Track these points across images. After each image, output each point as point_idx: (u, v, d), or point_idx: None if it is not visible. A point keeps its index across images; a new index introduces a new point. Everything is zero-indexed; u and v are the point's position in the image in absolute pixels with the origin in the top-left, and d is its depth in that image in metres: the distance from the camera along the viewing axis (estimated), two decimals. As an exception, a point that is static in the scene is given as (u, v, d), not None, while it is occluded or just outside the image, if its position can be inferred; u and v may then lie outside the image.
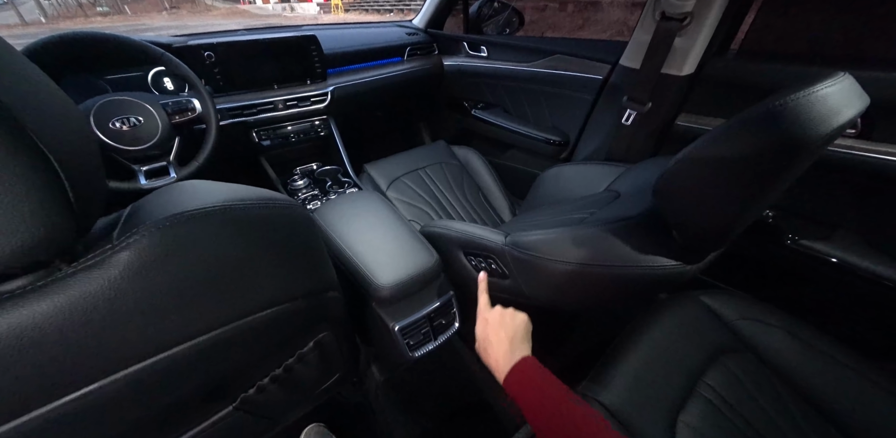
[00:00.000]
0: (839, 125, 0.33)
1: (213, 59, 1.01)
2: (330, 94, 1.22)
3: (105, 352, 0.23)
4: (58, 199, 0.19)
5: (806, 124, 0.31)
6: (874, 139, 0.65)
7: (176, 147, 0.88)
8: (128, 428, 0.30)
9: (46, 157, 0.18)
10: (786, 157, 0.33)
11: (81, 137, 0.22)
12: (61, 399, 0.23)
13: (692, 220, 0.44)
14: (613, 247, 0.51)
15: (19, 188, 0.18)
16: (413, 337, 0.68)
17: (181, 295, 0.25)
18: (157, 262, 0.23)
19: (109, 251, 0.22)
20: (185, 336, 0.27)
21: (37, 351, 0.20)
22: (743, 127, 0.36)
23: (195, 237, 0.25)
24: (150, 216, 0.24)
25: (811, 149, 0.33)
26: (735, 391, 0.61)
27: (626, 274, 0.50)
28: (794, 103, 0.32)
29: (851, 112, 0.34)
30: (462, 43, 1.46)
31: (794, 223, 0.80)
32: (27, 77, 0.20)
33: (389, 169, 1.23)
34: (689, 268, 0.49)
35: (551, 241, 0.57)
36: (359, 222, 0.72)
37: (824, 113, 0.32)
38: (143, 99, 0.82)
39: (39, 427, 0.22)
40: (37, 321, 0.20)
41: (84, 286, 0.21)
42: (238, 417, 0.46)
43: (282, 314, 0.34)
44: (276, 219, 0.32)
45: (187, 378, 0.31)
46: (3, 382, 0.20)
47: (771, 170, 0.34)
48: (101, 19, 26.12)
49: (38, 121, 0.18)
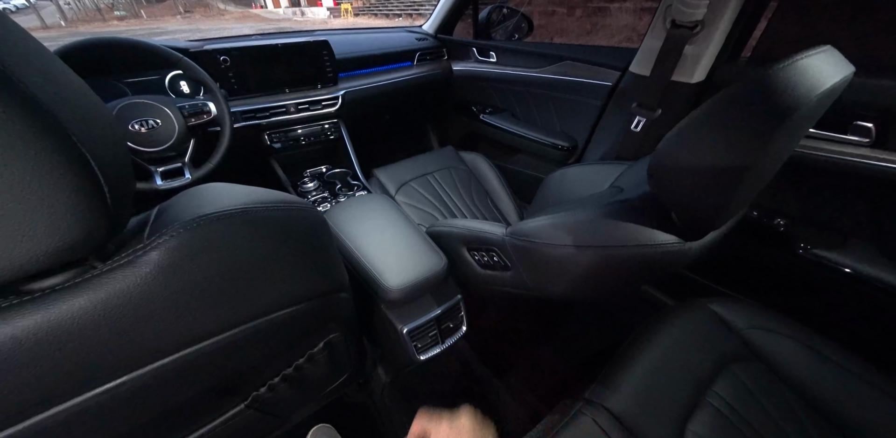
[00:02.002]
0: (824, 90, 0.34)
1: (227, 64, 1.04)
2: (341, 98, 1.24)
3: (135, 347, 0.24)
4: (97, 201, 0.20)
5: (792, 88, 0.33)
6: (889, 148, 0.64)
7: (191, 148, 0.90)
8: (148, 422, 0.31)
9: (88, 162, 0.19)
10: (775, 122, 0.34)
11: (115, 140, 0.23)
12: (94, 391, 0.24)
13: (688, 197, 0.44)
14: (611, 228, 0.51)
15: (64, 191, 0.19)
16: (421, 340, 0.68)
17: (206, 293, 0.26)
18: (185, 261, 0.24)
19: (141, 250, 0.23)
20: (208, 333, 0.28)
21: (74, 344, 0.21)
22: (732, 98, 0.37)
23: (219, 238, 0.26)
24: (177, 217, 0.25)
25: (798, 114, 0.34)
26: (744, 400, 0.60)
27: (626, 255, 0.50)
28: (779, 71, 0.34)
29: (836, 78, 0.36)
30: (471, 48, 1.47)
31: (806, 231, 0.80)
32: (69, 84, 0.21)
33: (398, 173, 1.25)
34: (688, 246, 0.48)
35: (549, 227, 0.57)
36: (368, 224, 0.73)
37: (809, 78, 0.34)
38: (161, 102, 0.84)
39: (71, 418, 0.23)
40: (75, 315, 0.21)
41: (118, 283, 0.22)
42: (249, 415, 0.47)
43: (297, 313, 0.34)
44: (293, 221, 0.33)
45: (206, 375, 0.31)
46: (44, 373, 0.21)
47: (761, 135, 0.35)
48: (117, 23, 26.73)
49: (80, 127, 0.20)
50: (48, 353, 0.21)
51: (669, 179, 0.45)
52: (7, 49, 0.17)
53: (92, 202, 0.20)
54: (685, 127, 0.42)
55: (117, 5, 31.65)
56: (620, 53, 1.09)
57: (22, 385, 0.21)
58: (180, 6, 33.11)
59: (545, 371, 1.04)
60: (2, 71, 0.17)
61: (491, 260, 0.69)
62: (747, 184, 0.40)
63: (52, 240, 0.19)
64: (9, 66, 0.17)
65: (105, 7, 30.80)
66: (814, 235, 0.79)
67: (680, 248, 0.48)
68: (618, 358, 0.65)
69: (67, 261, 0.20)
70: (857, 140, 0.66)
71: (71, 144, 0.19)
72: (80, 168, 0.19)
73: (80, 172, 0.19)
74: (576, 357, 1.09)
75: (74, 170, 0.19)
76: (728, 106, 0.38)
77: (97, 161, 0.20)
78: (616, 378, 0.61)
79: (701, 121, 0.40)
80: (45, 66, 0.20)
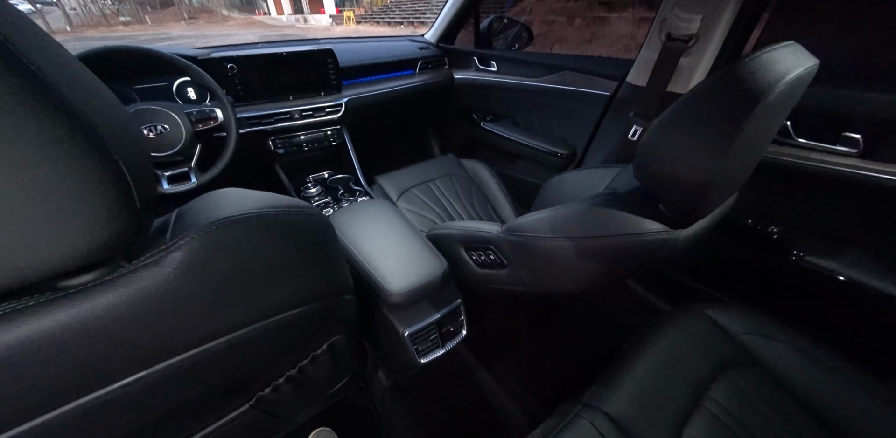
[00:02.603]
0: (789, 78, 0.38)
1: (234, 71, 1.06)
2: (344, 105, 1.27)
3: (155, 342, 0.26)
4: (127, 203, 0.22)
5: (760, 77, 0.37)
6: (878, 158, 0.66)
7: (197, 153, 0.92)
8: (157, 420, 0.32)
9: (119, 166, 0.21)
10: (745, 108, 0.37)
11: (138, 144, 0.25)
12: (114, 385, 0.25)
13: (672, 183, 0.46)
14: (601, 219, 0.53)
15: (99, 194, 0.20)
16: (422, 343, 0.69)
17: (222, 291, 0.27)
18: (205, 262, 0.26)
19: (165, 251, 0.25)
20: (222, 330, 0.29)
21: (103, 338, 0.23)
22: (707, 88, 0.41)
23: (235, 240, 0.28)
24: (196, 220, 0.27)
25: (767, 102, 0.37)
26: (741, 406, 0.61)
27: (615, 244, 0.51)
28: (747, 63, 0.38)
29: (799, 68, 0.39)
30: (472, 57, 1.50)
31: (799, 238, 0.81)
32: (97, 90, 0.23)
33: (400, 180, 1.27)
34: (676, 235, 0.50)
35: (541, 221, 0.59)
36: (371, 229, 0.74)
37: (774, 69, 0.38)
38: (170, 108, 0.87)
39: (93, 410, 0.24)
40: (105, 311, 0.22)
41: (144, 281, 0.24)
42: (253, 415, 0.48)
43: (304, 314, 0.36)
44: (302, 225, 0.35)
45: (216, 372, 0.33)
46: (76, 364, 0.22)
47: (734, 121, 0.39)
48: (122, 28, 26.99)
49: (110, 132, 0.21)
50: (80, 345, 0.22)
51: (654, 168, 0.48)
52: (44, 59, 0.19)
53: (123, 204, 0.21)
54: (666, 118, 0.45)
55: (122, 11, 32.02)
56: (618, 64, 1.11)
57: (54, 375, 0.22)
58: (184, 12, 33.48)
59: (544, 376, 1.05)
60: (43, 82, 0.18)
61: (488, 258, 0.70)
62: (726, 169, 0.42)
63: (87, 240, 0.20)
64: (49, 77, 0.19)
65: (110, 12, 31.13)
66: (807, 242, 0.80)
67: (668, 237, 0.49)
68: (616, 363, 0.66)
69: (98, 260, 0.22)
70: (846, 150, 0.68)
71: (105, 149, 0.20)
72: (113, 172, 0.21)
73: (113, 176, 0.21)
74: (574, 361, 1.09)
75: (108, 175, 0.20)
76: (703, 96, 0.42)
77: (127, 165, 0.22)
78: (614, 383, 0.61)
79: (680, 112, 0.44)
80: (76, 74, 0.22)
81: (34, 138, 0.18)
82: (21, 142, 0.17)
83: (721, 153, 0.40)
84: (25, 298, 0.21)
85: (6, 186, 0.18)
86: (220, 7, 37.17)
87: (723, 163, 0.40)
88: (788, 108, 0.47)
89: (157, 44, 0.93)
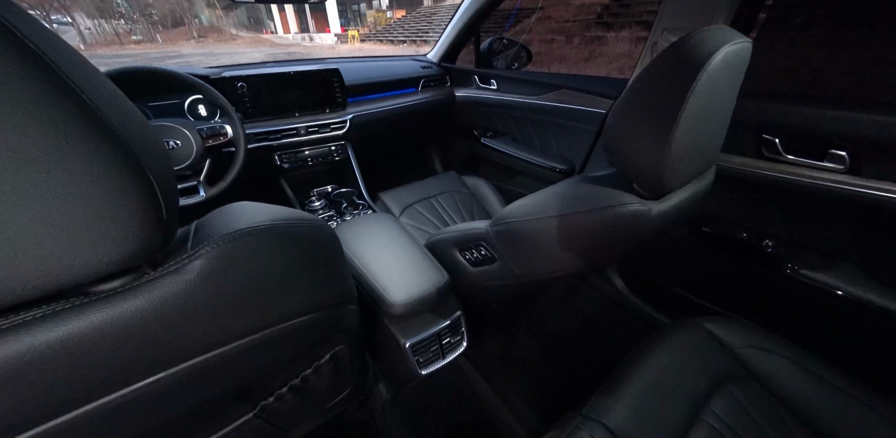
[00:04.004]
0: (724, 51, 0.43)
1: (244, 89, 1.11)
2: (349, 122, 1.31)
3: (175, 345, 0.27)
4: (156, 215, 0.24)
5: (696, 52, 0.43)
6: (863, 175, 0.68)
7: (206, 168, 0.95)
8: (168, 422, 0.33)
9: (150, 181, 0.23)
10: (687, 81, 0.43)
11: (165, 160, 0.27)
12: (137, 384, 0.26)
13: (637, 156, 0.50)
14: (579, 196, 0.57)
15: (132, 206, 0.22)
16: (423, 355, 0.70)
17: (238, 298, 0.29)
18: (223, 270, 0.28)
19: (187, 259, 0.27)
20: (236, 335, 0.31)
21: (131, 339, 0.24)
22: (654, 67, 0.47)
23: (251, 250, 0.30)
24: (214, 231, 0.29)
25: (706, 72, 0.42)
26: (740, 419, 0.61)
27: (595, 219, 0.54)
28: (683, 42, 0.45)
29: (730, 42, 0.44)
30: (473, 76, 1.55)
31: (792, 252, 0.83)
32: (130, 113, 0.25)
33: (403, 196, 1.30)
34: (649, 206, 0.53)
35: (524, 205, 0.62)
36: (373, 242, 0.76)
37: (709, 43, 0.44)
38: (182, 124, 0.90)
39: (111, 410, 0.26)
40: (134, 314, 0.24)
41: (168, 287, 0.25)
42: (256, 425, 0.49)
43: (311, 321, 0.37)
44: (311, 236, 0.37)
45: (228, 376, 0.34)
46: (106, 364, 0.24)
47: (678, 95, 0.44)
48: (134, 46, 27.83)
49: (143, 150, 0.23)
50: (110, 346, 0.24)
51: (618, 147, 0.53)
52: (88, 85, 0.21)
53: (152, 216, 0.23)
54: (622, 99, 0.51)
55: (135, 30, 33.12)
56: (613, 83, 1.16)
57: (87, 373, 0.24)
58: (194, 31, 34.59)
59: (544, 388, 1.04)
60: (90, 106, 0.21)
61: (480, 254, 0.73)
62: (681, 143, 0.47)
63: (120, 249, 0.22)
64: (94, 102, 0.21)
65: (123, 32, 32.21)
66: (800, 256, 0.82)
67: (640, 207, 0.53)
68: (615, 375, 0.66)
69: (127, 268, 0.24)
70: (833, 166, 0.70)
71: (139, 167, 0.23)
72: (146, 187, 0.23)
73: (146, 191, 0.23)
74: (574, 374, 1.09)
75: (142, 190, 0.23)
76: (650, 76, 0.48)
77: (156, 179, 0.24)
78: (613, 395, 0.62)
79: (633, 93, 0.50)
80: (114, 98, 0.24)
81: (81, 159, 0.20)
82: (70, 161, 0.20)
83: (670, 127, 0.45)
84: (62, 301, 0.23)
85: (55, 201, 0.20)
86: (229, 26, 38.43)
87: (675, 136, 0.45)
88: (734, 85, 0.51)
89: (167, 61, 0.99)
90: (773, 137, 0.76)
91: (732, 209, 0.90)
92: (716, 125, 0.54)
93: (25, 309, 0.22)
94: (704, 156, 0.56)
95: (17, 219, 0.19)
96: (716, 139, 0.57)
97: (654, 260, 1.15)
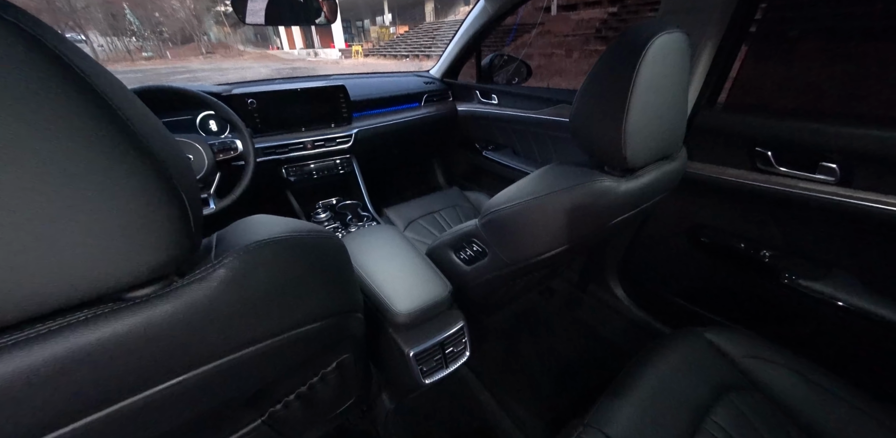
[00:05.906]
0: (659, 38, 0.50)
1: (254, 105, 1.15)
2: (354, 136, 1.35)
3: (199, 348, 0.29)
4: (185, 227, 0.26)
5: (633, 41, 0.51)
6: (853, 186, 0.70)
7: (217, 181, 0.99)
8: (183, 425, 0.34)
9: (180, 195, 0.25)
10: (630, 66, 0.50)
11: (190, 172, 0.30)
12: (161, 385, 0.28)
13: (600, 137, 0.57)
14: (557, 177, 0.63)
15: (165, 219, 0.25)
16: (426, 364, 0.71)
17: (256, 305, 0.31)
18: (244, 278, 0.30)
19: (211, 268, 0.29)
20: (254, 340, 0.32)
21: (157, 343, 0.26)
22: (605, 58, 0.55)
23: (269, 259, 0.32)
24: (236, 242, 0.32)
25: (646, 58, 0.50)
26: (743, 429, 0.61)
27: (572, 196, 0.59)
28: (623, 36, 0.53)
29: (663, 30, 0.51)
30: (475, 91, 1.60)
31: (789, 262, 0.84)
32: (159, 130, 0.28)
33: (407, 212, 1.33)
34: (619, 182, 0.60)
35: (505, 193, 0.66)
36: (378, 253, 0.78)
37: (643, 32, 0.51)
38: (195, 139, 0.94)
39: (134, 412, 0.28)
40: (164, 319, 0.26)
41: (194, 294, 0.27)
42: (263, 431, 0.50)
43: (321, 328, 0.39)
44: (323, 247, 0.39)
45: (244, 379, 0.36)
46: (132, 367, 0.26)
47: (625, 79, 0.51)
48: (144, 62, 28.61)
49: (173, 165, 0.26)
50: (141, 348, 0.26)
51: (586, 130, 0.60)
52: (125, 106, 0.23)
53: (182, 228, 0.26)
54: (582, 89, 0.59)
55: (146, 47, 34.08)
56: None
57: (120, 373, 0.26)
58: (203, 47, 35.54)
59: (546, 398, 1.04)
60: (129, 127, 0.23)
61: (472, 251, 0.76)
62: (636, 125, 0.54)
63: (153, 258, 0.24)
64: (132, 121, 0.23)
65: (135, 48, 33.16)
66: (798, 266, 0.83)
67: (611, 183, 0.59)
68: (616, 385, 0.66)
69: (157, 276, 0.26)
70: (825, 178, 0.72)
71: (171, 181, 0.25)
72: (177, 200, 0.25)
73: (176, 203, 0.25)
74: (576, 383, 1.09)
75: (172, 202, 0.25)
76: (601, 65, 0.56)
77: (185, 193, 0.26)
78: (615, 405, 0.62)
79: (589, 82, 0.58)
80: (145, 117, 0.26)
81: (122, 176, 0.22)
82: (111, 178, 0.22)
83: (623, 107, 0.52)
84: (102, 306, 0.25)
85: (101, 215, 0.22)
86: (237, 42, 39.49)
87: (629, 116, 0.53)
88: (680, 73, 0.58)
89: (176, 76, 1.04)
90: (765, 150, 0.78)
91: (730, 220, 0.92)
92: (672, 110, 0.60)
93: (70, 312, 0.24)
94: (664, 137, 0.62)
95: (72, 231, 0.21)
96: (675, 124, 0.64)
97: (654, 270, 1.16)
